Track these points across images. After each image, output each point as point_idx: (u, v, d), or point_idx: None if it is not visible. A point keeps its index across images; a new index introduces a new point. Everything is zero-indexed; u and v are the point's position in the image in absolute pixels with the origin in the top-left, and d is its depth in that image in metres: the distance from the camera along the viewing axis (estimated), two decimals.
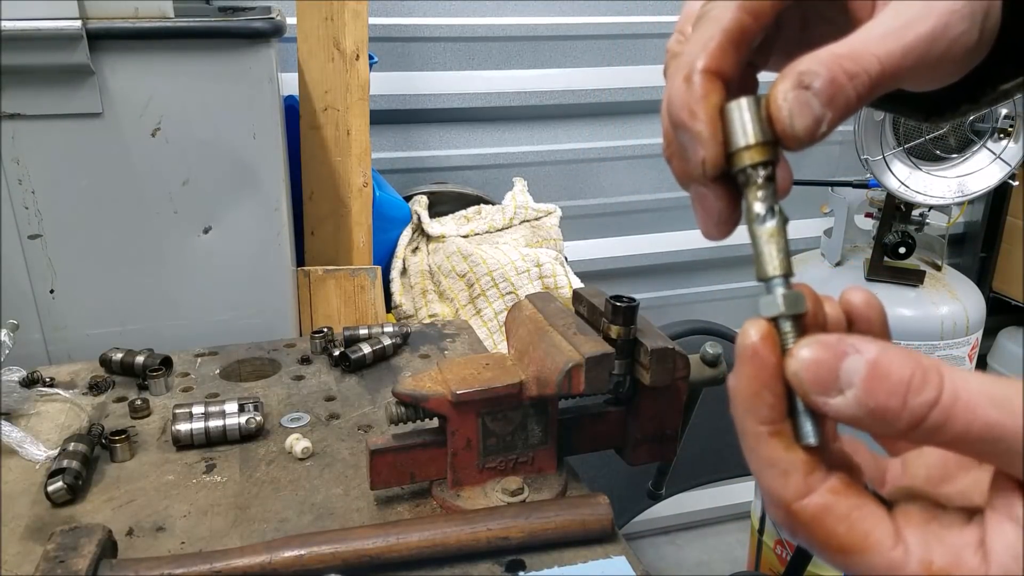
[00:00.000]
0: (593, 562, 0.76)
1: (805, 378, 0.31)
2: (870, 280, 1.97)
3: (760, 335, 0.33)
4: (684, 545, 2.83)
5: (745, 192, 0.35)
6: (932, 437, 0.30)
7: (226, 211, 1.32)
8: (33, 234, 1.25)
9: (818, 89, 0.33)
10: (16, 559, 0.76)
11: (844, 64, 0.33)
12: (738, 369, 0.33)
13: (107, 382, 1.07)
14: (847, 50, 0.34)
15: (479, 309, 1.80)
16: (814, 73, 0.33)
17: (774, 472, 0.33)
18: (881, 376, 0.30)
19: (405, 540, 0.73)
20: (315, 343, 1.17)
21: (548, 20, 2.26)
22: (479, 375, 0.80)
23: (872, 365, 0.30)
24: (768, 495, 0.33)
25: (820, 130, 0.34)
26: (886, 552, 0.31)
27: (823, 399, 0.31)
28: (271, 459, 0.92)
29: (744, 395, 0.33)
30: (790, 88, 0.34)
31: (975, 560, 0.30)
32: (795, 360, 0.31)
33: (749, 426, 0.33)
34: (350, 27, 1.53)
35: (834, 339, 0.31)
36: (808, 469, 0.32)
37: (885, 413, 0.30)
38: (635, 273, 2.57)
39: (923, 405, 0.29)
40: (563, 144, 2.39)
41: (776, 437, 0.33)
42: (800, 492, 0.32)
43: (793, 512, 0.32)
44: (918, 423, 0.30)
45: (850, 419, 0.31)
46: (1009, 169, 1.91)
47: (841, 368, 0.30)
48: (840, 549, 0.32)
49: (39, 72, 1.17)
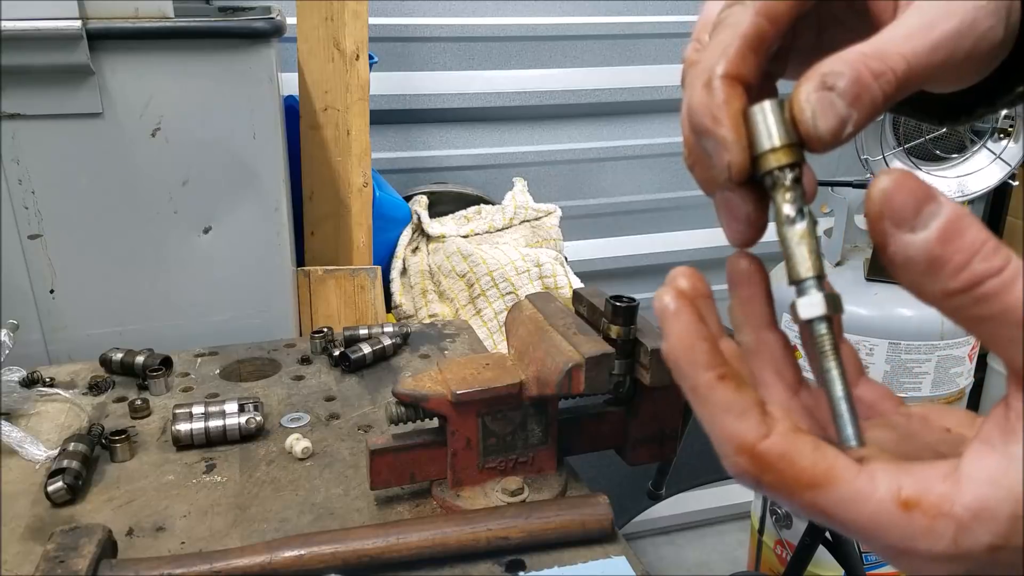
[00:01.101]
0: (593, 562, 0.76)
1: (892, 199, 0.30)
2: (870, 280, 1.97)
3: (673, 294, 0.33)
4: (684, 545, 2.83)
5: (773, 195, 0.35)
6: (977, 305, 0.29)
7: (226, 211, 1.32)
8: (33, 234, 1.25)
9: (843, 89, 0.33)
10: (16, 559, 0.76)
11: (869, 63, 0.33)
12: (666, 330, 0.33)
13: (107, 382, 1.07)
14: (872, 49, 0.33)
15: (479, 309, 1.80)
16: (838, 73, 0.33)
17: (731, 416, 0.32)
18: (958, 230, 0.29)
19: (405, 540, 0.73)
20: (315, 343, 1.17)
21: (548, 20, 2.26)
22: (479, 375, 0.80)
23: (953, 216, 0.30)
24: (728, 442, 0.32)
25: (845, 131, 0.33)
26: (852, 481, 0.31)
27: (895, 230, 0.30)
28: (271, 459, 0.92)
29: (681, 348, 0.33)
30: (813, 89, 0.33)
31: (943, 486, 0.30)
32: (888, 178, 0.30)
33: (694, 376, 0.33)
34: (350, 27, 1.53)
35: (922, 183, 0.31)
36: (762, 409, 0.32)
37: (947, 265, 0.29)
38: (635, 273, 2.57)
39: (986, 270, 0.29)
40: (563, 144, 2.39)
41: (725, 380, 0.32)
42: (761, 432, 0.32)
43: (759, 454, 0.32)
44: (973, 285, 0.29)
45: (907, 261, 0.30)
46: (1009, 169, 1.91)
47: (924, 208, 0.30)
48: (808, 483, 0.31)
49: (39, 72, 1.17)
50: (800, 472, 0.32)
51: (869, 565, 2.16)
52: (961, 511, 0.29)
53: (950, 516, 0.29)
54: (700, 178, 0.39)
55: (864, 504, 0.31)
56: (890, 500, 0.30)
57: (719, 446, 0.33)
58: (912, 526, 0.30)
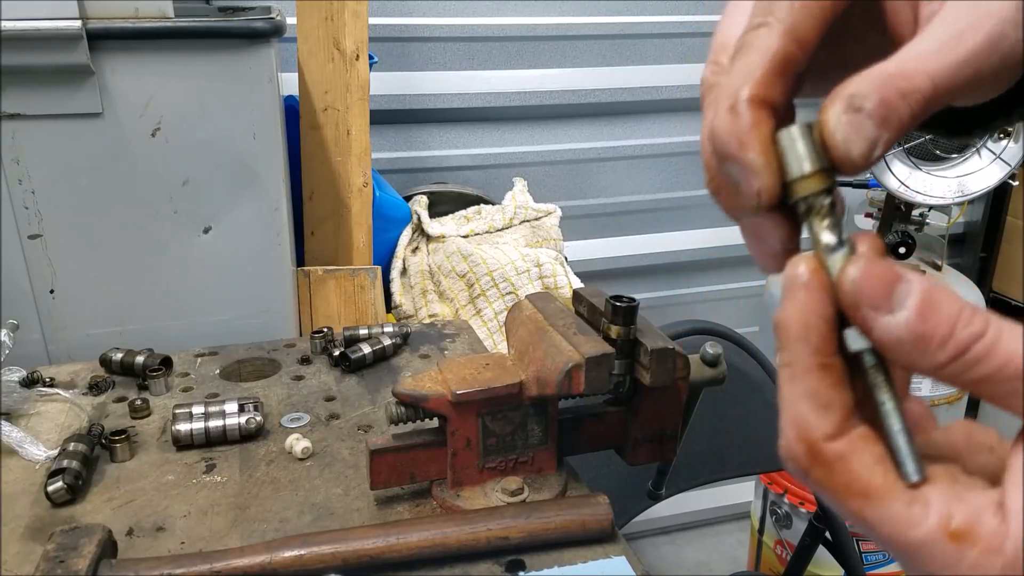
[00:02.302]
0: (593, 562, 0.76)
1: (863, 287, 0.31)
2: None
3: (811, 268, 0.33)
4: (684, 545, 2.83)
5: (810, 222, 0.34)
6: (971, 370, 0.30)
7: (226, 211, 1.32)
8: (33, 234, 1.25)
9: (871, 111, 0.32)
10: (16, 559, 0.76)
11: (897, 83, 0.32)
12: (789, 300, 0.33)
13: (107, 382, 1.07)
14: (897, 68, 0.33)
15: (479, 309, 1.80)
16: (864, 95, 0.32)
17: (812, 404, 0.32)
18: (933, 304, 0.30)
19: (405, 540, 0.73)
20: (315, 343, 1.17)
21: (548, 20, 2.26)
22: (479, 375, 0.80)
23: (926, 293, 0.31)
24: (795, 429, 0.32)
25: (876, 153, 0.33)
26: (906, 504, 0.31)
27: (874, 314, 0.31)
28: (271, 459, 0.92)
29: (796, 323, 0.32)
30: (842, 112, 0.32)
31: (995, 520, 0.30)
32: (855, 268, 0.31)
33: (798, 354, 0.32)
34: (350, 27, 1.53)
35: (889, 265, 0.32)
36: (848, 413, 0.32)
37: (932, 339, 0.30)
38: (635, 273, 2.58)
39: (970, 336, 0.30)
40: (563, 144, 2.39)
41: (825, 370, 0.32)
42: (832, 432, 0.32)
43: (818, 450, 0.32)
44: (962, 353, 0.30)
45: (894, 341, 0.31)
46: (1009, 169, 1.91)
47: (896, 289, 0.31)
48: (860, 493, 0.31)
49: (39, 72, 1.17)
50: (853, 480, 0.31)
51: (869, 565, 2.16)
52: (1010, 549, 0.29)
53: (1000, 553, 0.29)
54: (725, 205, 0.38)
55: (914, 529, 0.30)
56: (940, 529, 0.30)
57: (784, 427, 0.33)
58: (961, 559, 0.30)
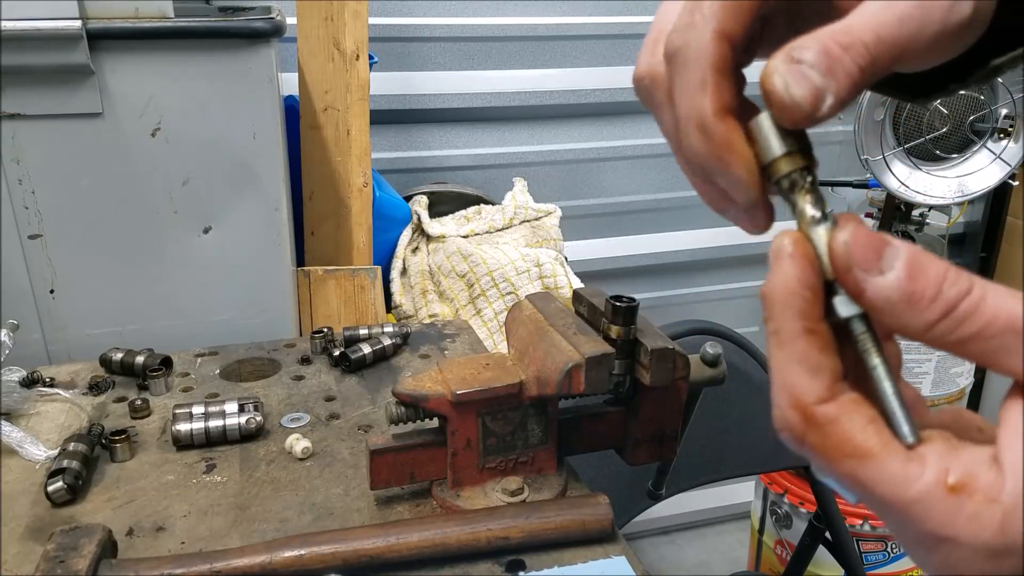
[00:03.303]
0: (593, 562, 0.76)
1: (853, 249, 0.32)
2: None
3: (795, 239, 0.34)
4: (684, 545, 2.83)
5: (794, 199, 0.35)
6: (960, 327, 0.31)
7: (226, 211, 1.32)
8: (33, 234, 1.25)
9: (812, 60, 0.33)
10: (16, 559, 0.76)
11: (837, 37, 0.33)
12: (775, 269, 0.34)
13: (107, 382, 1.07)
14: (840, 26, 0.34)
15: (479, 309, 1.80)
16: (804, 47, 0.33)
17: (801, 369, 0.33)
18: (920, 264, 0.31)
19: (405, 540, 0.73)
20: (315, 343, 1.17)
21: (548, 20, 2.26)
22: (479, 375, 0.80)
23: (913, 254, 0.32)
24: (787, 393, 0.33)
25: (825, 103, 0.33)
26: (902, 462, 0.31)
27: (865, 275, 0.32)
28: (271, 459, 0.92)
29: (782, 290, 0.33)
30: (781, 62, 0.33)
31: (991, 473, 0.30)
32: (845, 233, 0.33)
33: (786, 321, 0.33)
34: (350, 27, 1.53)
35: (875, 232, 0.33)
36: (837, 378, 0.33)
37: (921, 298, 0.31)
38: (635, 273, 2.58)
39: (958, 293, 0.31)
40: (563, 144, 2.39)
41: (812, 335, 0.33)
42: (823, 395, 0.32)
43: (810, 413, 0.32)
44: (949, 311, 0.31)
45: (885, 301, 0.32)
46: (1009, 169, 1.91)
47: (885, 251, 0.32)
48: (854, 454, 0.32)
49: (39, 72, 1.17)
50: (846, 441, 0.32)
51: (869, 565, 2.16)
52: (1008, 499, 0.29)
53: (998, 503, 0.29)
54: (708, 202, 0.40)
55: (911, 485, 0.31)
56: (937, 483, 0.30)
57: (776, 395, 0.33)
58: (959, 510, 0.30)
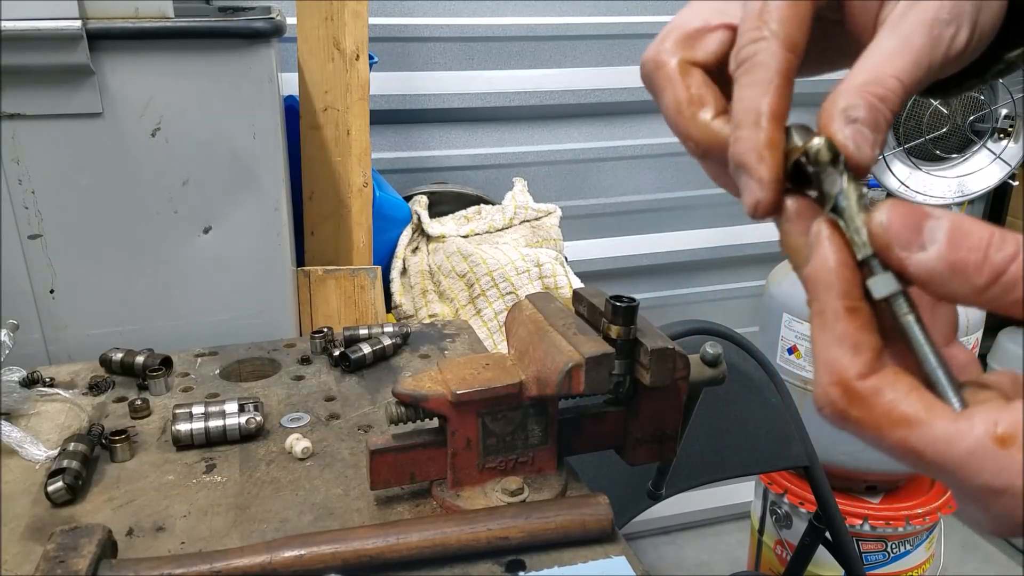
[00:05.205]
0: (593, 562, 0.76)
1: (891, 228, 0.33)
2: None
3: (830, 224, 0.35)
4: (684, 545, 2.83)
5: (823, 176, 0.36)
6: (1009, 292, 0.31)
7: (226, 211, 1.32)
8: (33, 234, 1.25)
9: (863, 119, 0.36)
10: (16, 559, 0.76)
11: (873, 90, 0.36)
12: (816, 253, 0.35)
13: (107, 382, 1.07)
14: (868, 77, 0.37)
15: (479, 309, 1.80)
16: (855, 106, 0.36)
17: (843, 347, 0.33)
18: (964, 233, 0.31)
19: (405, 540, 0.73)
20: (315, 343, 1.17)
21: (548, 20, 2.26)
22: (479, 375, 0.80)
23: (955, 223, 0.32)
24: (828, 370, 0.34)
25: (876, 153, 0.36)
26: (950, 421, 0.31)
27: (906, 253, 0.32)
28: (271, 459, 0.92)
29: (823, 272, 0.34)
30: (843, 125, 0.36)
31: None
32: (882, 212, 0.33)
33: (826, 299, 0.34)
34: (350, 27, 1.53)
35: (915, 205, 0.33)
36: (878, 354, 0.33)
37: (967, 266, 0.31)
38: (635, 273, 2.58)
39: (1005, 258, 0.31)
40: (563, 144, 2.39)
41: (853, 314, 0.34)
42: (865, 371, 0.33)
43: (853, 389, 0.33)
44: (998, 276, 0.31)
45: (930, 274, 0.32)
46: (1009, 169, 1.91)
47: (925, 224, 0.32)
48: (901, 421, 0.32)
49: (39, 72, 1.17)
50: (891, 410, 0.32)
51: (869, 565, 2.16)
52: None
53: None
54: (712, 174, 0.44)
55: (960, 442, 0.31)
56: (986, 436, 0.31)
57: (818, 373, 0.34)
58: (1011, 462, 0.30)
